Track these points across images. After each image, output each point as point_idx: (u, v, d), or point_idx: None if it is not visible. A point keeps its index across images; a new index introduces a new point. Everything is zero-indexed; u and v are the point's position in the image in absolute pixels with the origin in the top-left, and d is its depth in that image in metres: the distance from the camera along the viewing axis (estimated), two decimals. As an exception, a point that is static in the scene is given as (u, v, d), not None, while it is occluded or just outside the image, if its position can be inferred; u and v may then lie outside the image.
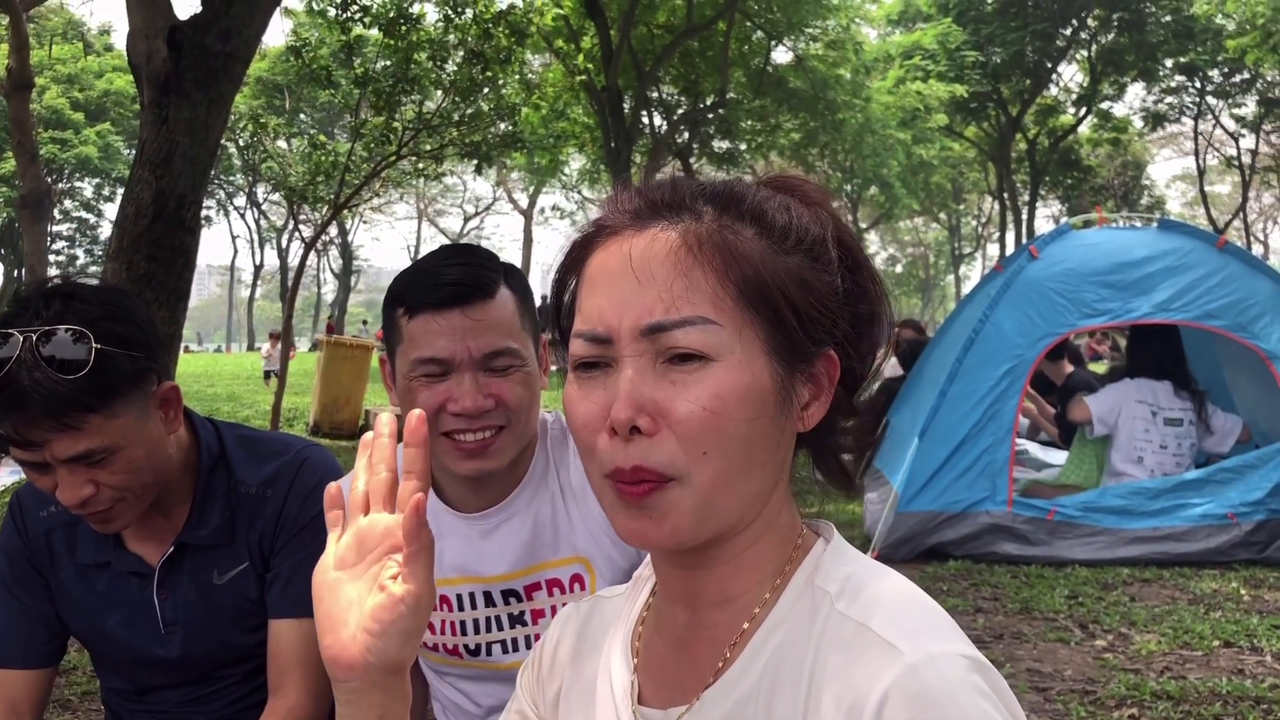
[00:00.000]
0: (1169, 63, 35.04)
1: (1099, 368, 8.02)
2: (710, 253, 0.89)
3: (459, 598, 1.78)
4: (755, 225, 0.92)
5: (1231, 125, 38.18)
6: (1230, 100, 36.79)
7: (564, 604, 1.77)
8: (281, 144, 15.81)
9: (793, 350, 0.91)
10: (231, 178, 43.41)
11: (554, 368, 1.64)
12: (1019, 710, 0.85)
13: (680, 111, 28.64)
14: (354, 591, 0.93)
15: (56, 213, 41.33)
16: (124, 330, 1.62)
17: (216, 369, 21.85)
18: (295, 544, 1.84)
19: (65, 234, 45.87)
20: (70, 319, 1.57)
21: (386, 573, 0.92)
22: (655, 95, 27.76)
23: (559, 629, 1.15)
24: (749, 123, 28.56)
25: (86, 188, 43.64)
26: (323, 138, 13.30)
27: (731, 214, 0.92)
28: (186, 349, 38.08)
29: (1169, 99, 37.72)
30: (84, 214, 45.28)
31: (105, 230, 42.75)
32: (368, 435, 0.98)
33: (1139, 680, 3.78)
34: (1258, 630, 4.38)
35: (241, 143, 14.60)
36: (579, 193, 44.09)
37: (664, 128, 28.20)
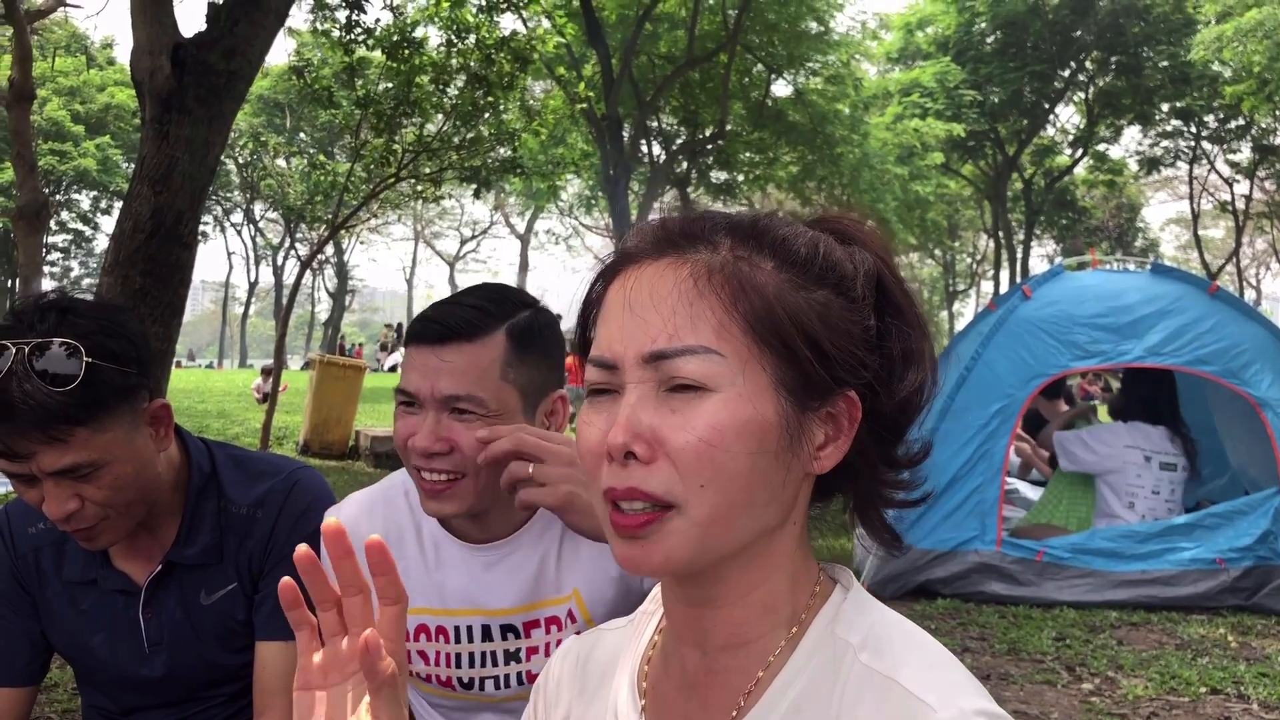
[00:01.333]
0: (1165, 107, 35.34)
1: (1103, 412, 8.00)
2: (719, 283, 0.88)
3: (457, 629, 1.77)
4: (775, 258, 0.91)
5: (1226, 171, 38.45)
6: (1225, 146, 37.07)
7: (558, 641, 1.77)
8: (281, 162, 15.82)
9: (805, 386, 0.89)
10: (229, 194, 43.40)
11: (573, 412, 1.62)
12: None
13: (679, 141, 28.81)
14: (326, 709, 0.91)
15: (53, 224, 41.30)
16: (116, 346, 1.63)
17: (208, 385, 21.79)
18: (285, 566, 1.83)
19: (60, 245, 45.81)
20: (65, 332, 1.59)
21: (361, 709, 0.91)
22: (654, 125, 27.91)
23: (559, 664, 1.14)
24: (747, 154, 28.73)
25: (84, 200, 43.61)
26: (322, 157, 13.33)
27: (750, 245, 0.91)
28: (178, 364, 37.98)
29: (1165, 143, 38.02)
30: (80, 226, 45.23)
31: (101, 243, 42.69)
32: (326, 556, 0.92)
33: (1124, 725, 3.77)
34: (1245, 678, 4.37)
35: (241, 160, 14.62)
36: (575, 218, 44.24)
37: (662, 157, 28.34)
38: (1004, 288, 34.99)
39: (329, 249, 41.42)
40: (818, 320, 0.89)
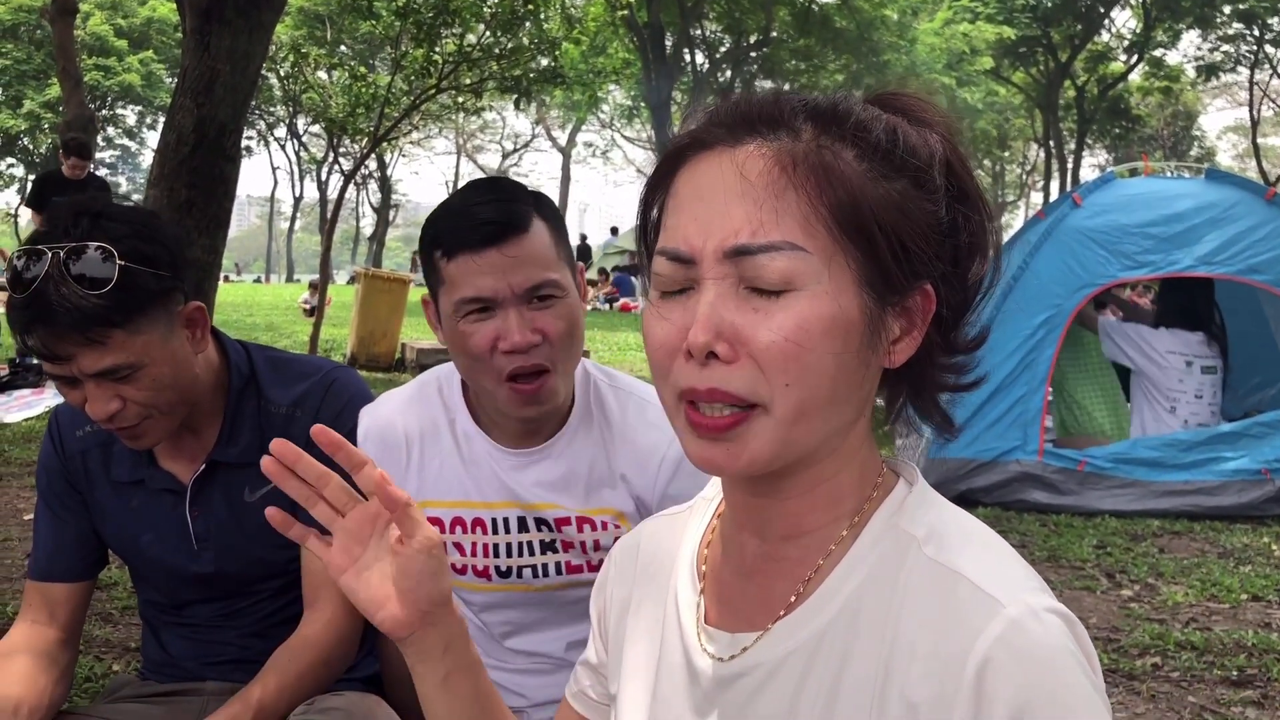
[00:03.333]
0: (1226, 9, 34.12)
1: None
2: (805, 174, 0.84)
3: (494, 521, 1.81)
4: (856, 146, 0.86)
5: (1288, 75, 37.23)
6: (1288, 49, 35.85)
7: (595, 540, 1.81)
8: (322, 75, 15.75)
9: (886, 283, 0.86)
10: (272, 109, 43.41)
11: (594, 298, 1.66)
12: (1097, 663, 0.85)
13: (723, 49, 28.31)
14: (377, 573, 1.03)
15: (99, 139, 41.58)
16: (149, 249, 1.65)
17: (256, 299, 22.04)
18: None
19: (108, 161, 46.21)
20: (98, 236, 1.61)
21: (392, 541, 1.03)
22: (698, 32, 27.42)
23: (618, 556, 1.14)
24: (793, 63, 28.21)
25: (129, 115, 43.84)
26: (363, 69, 13.24)
27: (833, 133, 0.86)
28: (226, 278, 38.41)
29: (1225, 47, 36.81)
30: (127, 141, 45.54)
31: (147, 159, 42.97)
32: (279, 465, 1.04)
33: (1163, 630, 3.79)
34: (1286, 586, 4.36)
35: (283, 73, 14.58)
36: (617, 130, 43.79)
37: (706, 66, 27.90)
38: (1054, 199, 34.29)
39: (372, 163, 41.43)
40: (899, 213, 0.86)
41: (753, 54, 27.38)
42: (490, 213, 1.66)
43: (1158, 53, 37.35)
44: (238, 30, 6.32)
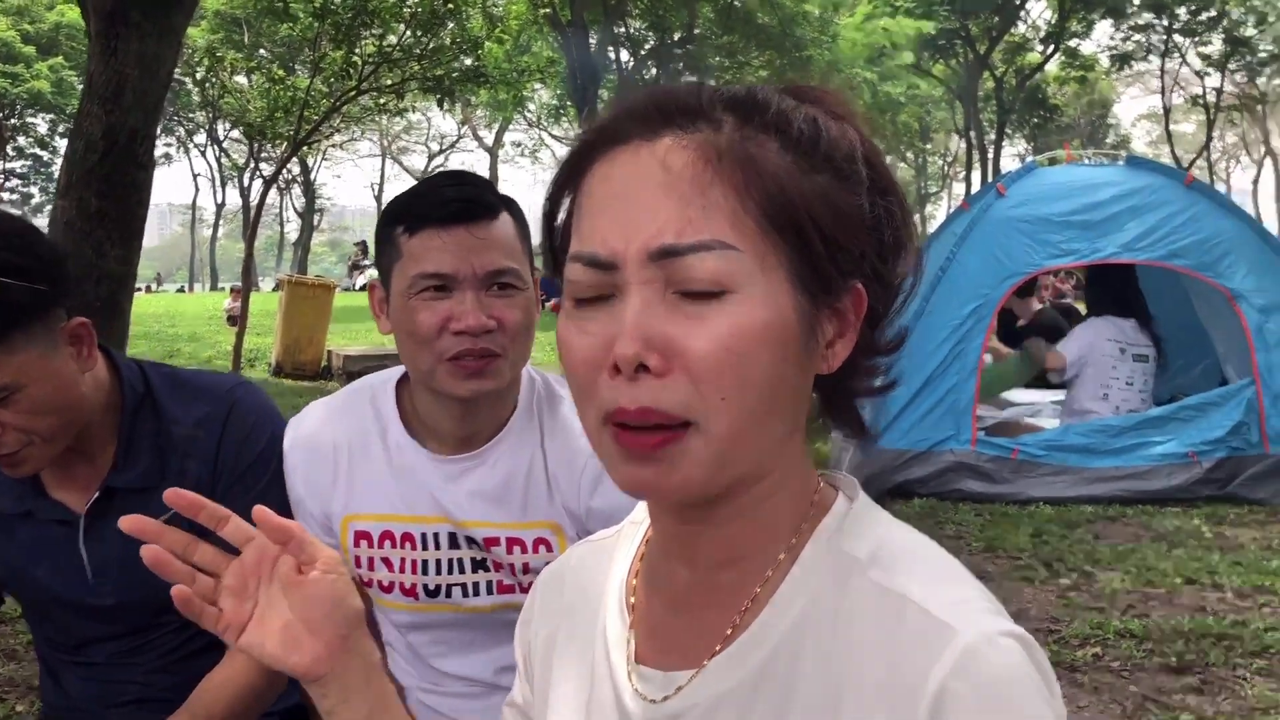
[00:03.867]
0: (1136, 1, 34.91)
1: (1081, 307, 7.99)
2: (731, 167, 0.77)
3: (423, 536, 1.72)
4: (779, 138, 0.80)
5: (1198, 64, 38.21)
6: (1197, 38, 36.77)
7: (525, 563, 1.72)
8: (240, 79, 15.44)
9: (819, 281, 0.80)
10: (191, 114, 42.53)
11: (545, 303, 1.59)
12: (1057, 687, 0.79)
13: (647, 46, 28.30)
14: (277, 618, 0.97)
15: (10, 150, 40.46)
16: (23, 261, 1.53)
17: (179, 309, 21.54)
18: (239, 488, 1.76)
19: (19, 171, 44.96)
20: None
21: (288, 575, 0.97)
22: (621, 30, 27.38)
23: (541, 589, 1.05)
24: (717, 59, 28.26)
25: (40, 124, 42.65)
26: (281, 73, 12.97)
27: (754, 124, 0.80)
28: (149, 288, 37.56)
29: (1136, 36, 37.65)
30: (38, 151, 44.33)
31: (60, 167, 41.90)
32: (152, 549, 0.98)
33: (1103, 619, 3.79)
34: (1219, 567, 4.40)
35: (199, 77, 14.26)
36: (544, 129, 43.65)
37: (630, 63, 27.88)
38: (975, 188, 34.92)
39: (295, 168, 40.84)
40: (827, 206, 0.79)
41: (677, 51, 27.40)
42: (460, 192, 1.62)
43: (1073, 43, 38.04)
44: (146, 34, 6.11)
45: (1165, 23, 36.31)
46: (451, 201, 1.59)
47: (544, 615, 1.03)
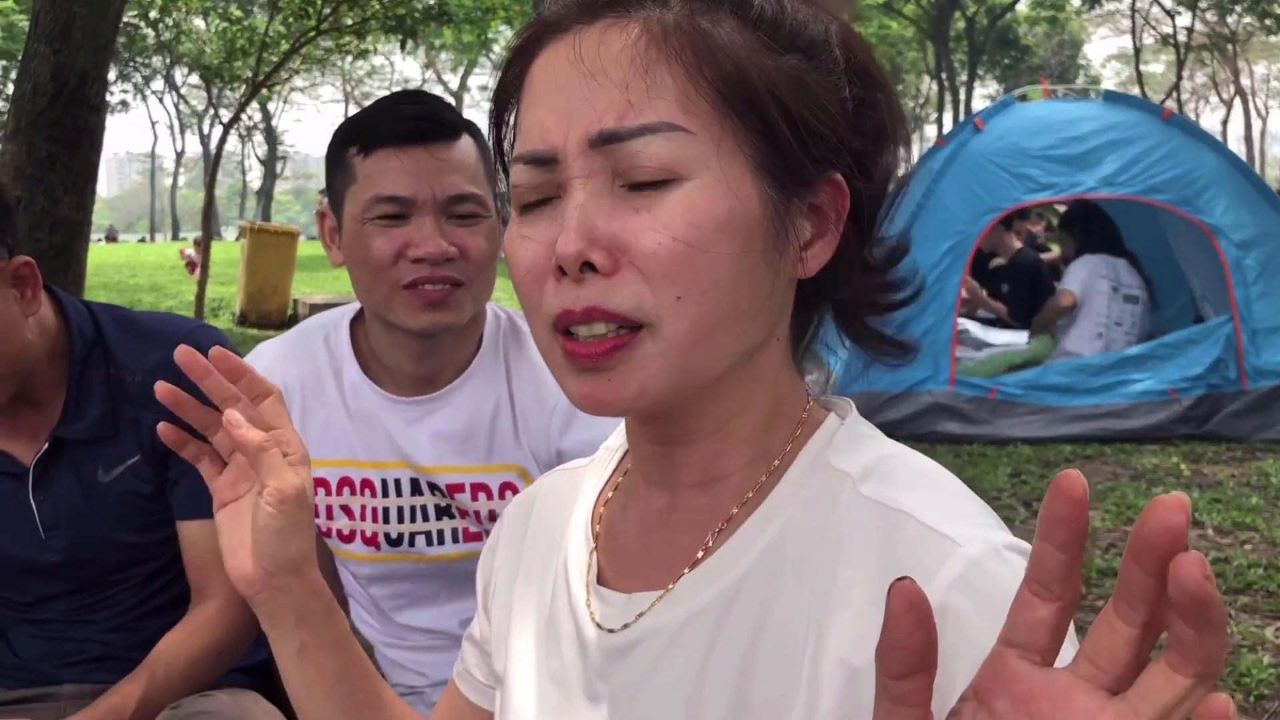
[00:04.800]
0: (1107, -63, 34.72)
1: (1055, 246, 7.95)
2: (679, 44, 0.70)
3: (384, 482, 1.63)
4: (737, 16, 0.73)
5: (1168, 3, 38.07)
6: (1167, -24, 36.62)
7: (490, 510, 1.62)
8: (197, 21, 15.07)
9: (788, 169, 0.72)
10: (147, 60, 41.65)
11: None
12: None
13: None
14: (240, 517, 0.94)
15: (-39, 97, 39.54)
16: None
17: (139, 259, 21.21)
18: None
19: (-28, 120, 44.05)
20: None
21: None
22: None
23: (510, 513, 0.99)
24: (684, -1, 27.95)
25: (-8, 70, 41.71)
26: (239, 13, 12.66)
27: (708, 1, 0.73)
28: (111, 239, 36.95)
29: (1107, -25, 37.45)
30: (-9, 98, 43.37)
31: (15, 116, 41.03)
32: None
33: (1085, 558, 3.75)
34: (1198, 504, 4.40)
35: (152, 17, 13.90)
36: (511, 74, 43.11)
37: (597, 4, 27.50)
38: (947, 131, 34.80)
39: (256, 115, 40.14)
40: (796, 87, 0.71)
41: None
42: (419, 109, 1.50)
43: (1043, -18, 37.87)
44: (92, -32, 5.88)
45: (1135, -39, 36.13)
46: (409, 119, 1.48)
47: (508, 543, 0.97)
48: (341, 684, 0.96)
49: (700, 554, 0.78)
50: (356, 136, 1.51)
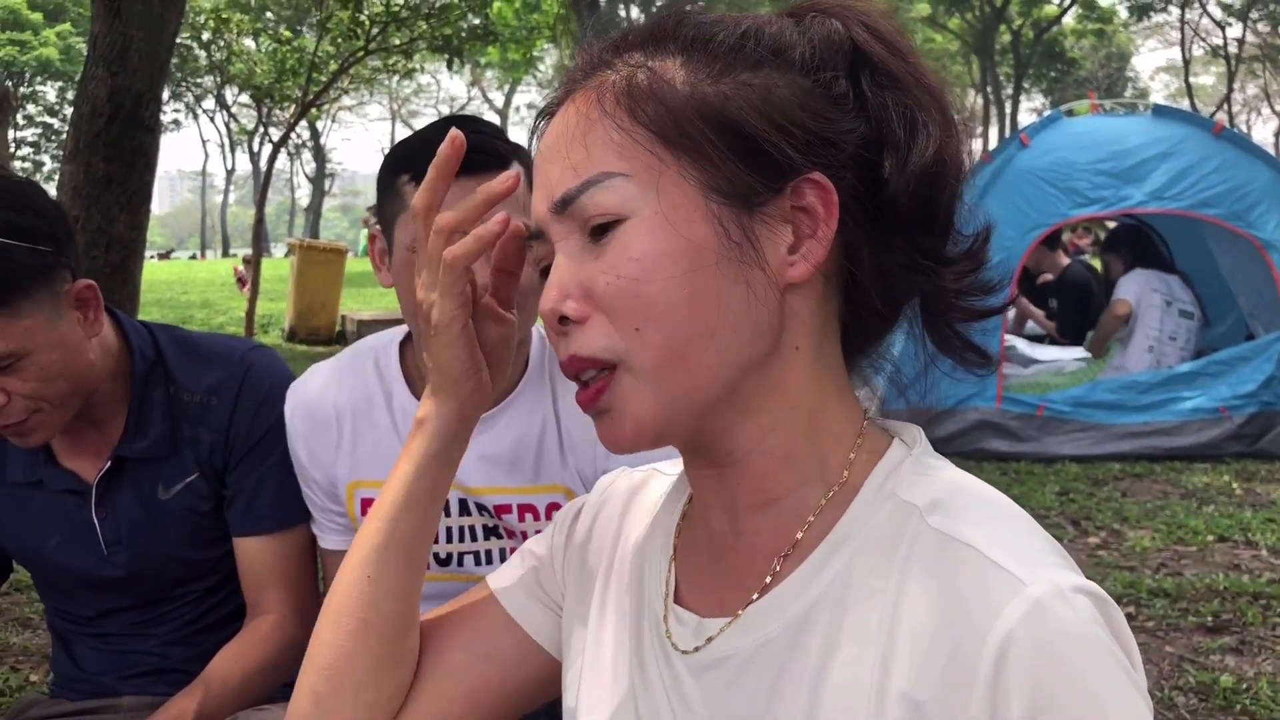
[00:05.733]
0: (1156, -51, 34.33)
1: (1096, 264, 7.86)
2: (614, 100, 0.77)
3: None
4: (686, 54, 0.78)
5: (1218, 14, 37.58)
6: (1217, -13, 36.14)
7: (538, 530, 1.64)
8: (247, 42, 15.30)
9: (735, 185, 0.75)
10: (199, 80, 42.35)
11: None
12: (1136, 654, 0.70)
13: (658, 2, 27.97)
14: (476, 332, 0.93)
15: (19, 118, 40.36)
16: (25, 222, 1.46)
17: (190, 276, 21.53)
18: (253, 458, 1.69)
19: (30, 140, 44.88)
20: None
21: (486, 306, 0.95)
22: (632, -13, 27.08)
23: (602, 493, 1.00)
24: (727, 13, 28.00)
25: (49, 91, 42.59)
26: (288, 33, 12.85)
27: (662, 50, 0.78)
28: (166, 255, 37.54)
29: (1155, -13, 37.03)
30: (47, 118, 44.24)
31: (71, 135, 41.80)
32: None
33: (1135, 578, 3.71)
34: (1251, 524, 4.32)
35: (205, 39, 14.13)
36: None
37: (641, 20, 27.60)
38: (993, 145, 34.55)
39: (305, 133, 40.66)
40: (744, 104, 0.75)
41: (687, 6, 27.10)
42: (472, 141, 1.51)
43: (1090, -6, 37.50)
44: (149, -7, 6.01)
45: (1184, -28, 35.71)
46: (472, 151, 1.51)
47: (599, 519, 0.98)
48: (436, 505, 0.95)
49: (768, 579, 0.79)
50: (409, 165, 1.53)
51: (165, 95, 6.47)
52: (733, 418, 0.78)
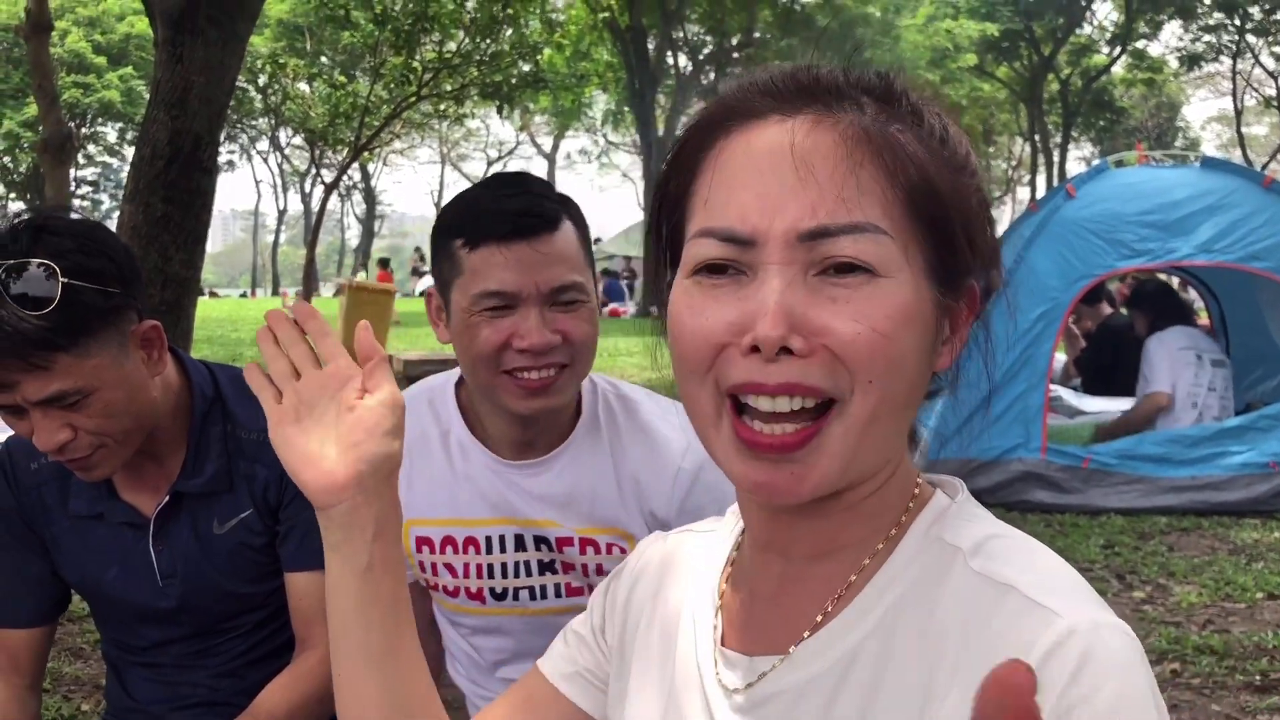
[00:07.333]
0: (1207, 0, 34.18)
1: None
2: (878, 151, 0.76)
3: (487, 539, 1.70)
4: (914, 129, 0.79)
5: (1271, 64, 37.28)
6: (1270, 38, 35.88)
7: (598, 564, 1.68)
8: (302, 86, 15.63)
9: (947, 277, 0.79)
10: (254, 121, 43.18)
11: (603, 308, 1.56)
12: (1159, 695, 0.73)
13: (706, 51, 28.23)
14: (317, 434, 0.93)
15: (80, 157, 41.32)
16: (96, 264, 1.52)
17: (241, 314, 21.84)
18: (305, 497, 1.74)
19: (89, 179, 45.88)
20: (40, 253, 1.47)
21: (348, 398, 0.94)
22: (680, 35, 27.35)
23: (638, 559, 1.03)
24: (776, 62, 28.12)
25: (110, 132, 43.54)
26: (343, 79, 13.12)
27: (893, 111, 0.79)
28: (213, 294, 38.17)
29: (1207, 37, 36.81)
30: (107, 159, 45.24)
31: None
32: (266, 326, 0.98)
33: (1180, 634, 3.67)
34: (1301, 582, 4.25)
35: (261, 83, 14.46)
36: (604, 136, 43.75)
37: (689, 68, 27.82)
38: (1040, 193, 34.36)
39: (355, 174, 41.28)
40: (959, 202, 0.79)
41: (735, 55, 27.30)
42: (521, 204, 1.57)
43: (1140, 44, 37.35)
44: (210, 41, 6.18)
45: (1237, 23, 35.49)
46: (512, 215, 1.55)
47: (630, 598, 1.00)
48: (393, 616, 0.96)
49: (820, 618, 0.82)
50: (461, 230, 1.58)
51: (221, 137, 6.63)
52: (860, 480, 0.82)
